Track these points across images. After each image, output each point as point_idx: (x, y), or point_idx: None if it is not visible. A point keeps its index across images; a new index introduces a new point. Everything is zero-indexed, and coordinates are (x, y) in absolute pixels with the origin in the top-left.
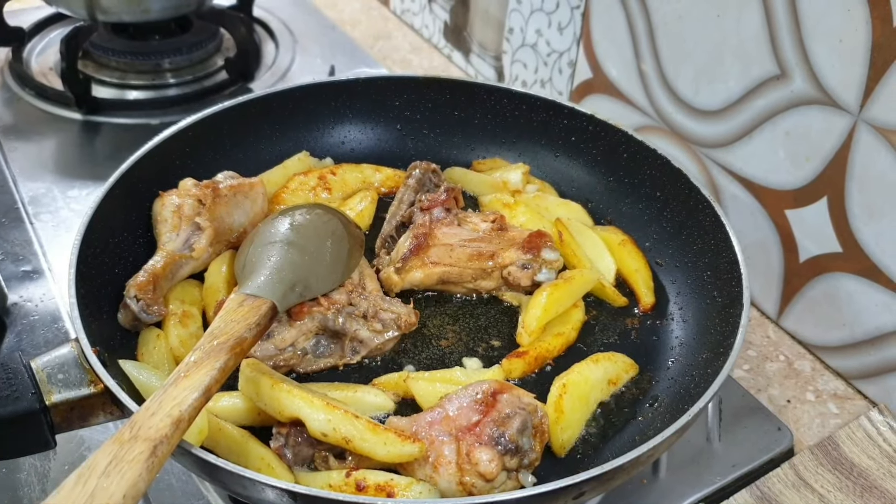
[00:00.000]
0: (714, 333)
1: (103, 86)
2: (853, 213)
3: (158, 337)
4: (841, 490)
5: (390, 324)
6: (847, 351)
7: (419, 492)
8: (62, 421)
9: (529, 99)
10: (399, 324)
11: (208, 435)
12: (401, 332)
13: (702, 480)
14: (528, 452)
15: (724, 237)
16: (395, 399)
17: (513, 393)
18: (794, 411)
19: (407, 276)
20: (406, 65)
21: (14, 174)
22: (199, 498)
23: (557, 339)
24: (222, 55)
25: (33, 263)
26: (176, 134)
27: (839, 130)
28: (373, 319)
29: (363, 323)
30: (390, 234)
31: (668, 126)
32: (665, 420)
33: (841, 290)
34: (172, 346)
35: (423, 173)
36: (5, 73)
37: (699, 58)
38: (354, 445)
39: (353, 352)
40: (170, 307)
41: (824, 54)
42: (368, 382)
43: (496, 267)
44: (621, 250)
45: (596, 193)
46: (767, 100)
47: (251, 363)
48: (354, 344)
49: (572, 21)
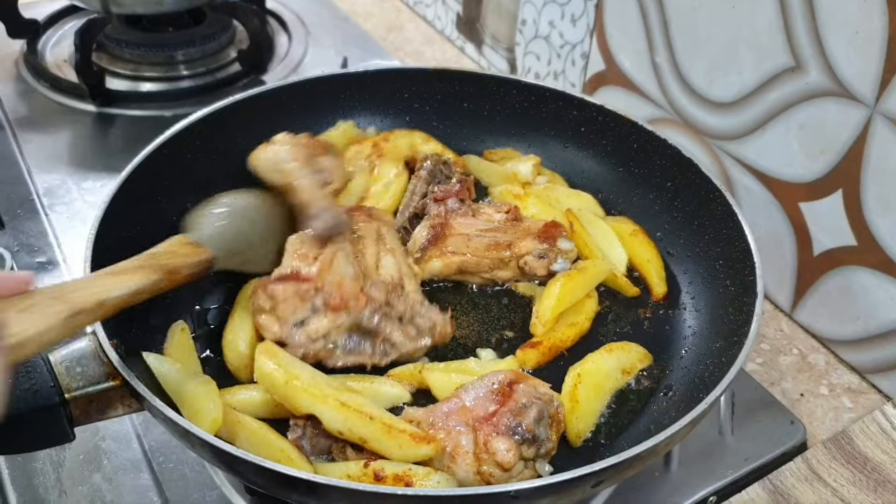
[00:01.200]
0: (727, 322)
1: (117, 78)
2: (868, 206)
3: (183, 331)
4: (854, 484)
5: (425, 331)
6: (861, 345)
7: (437, 481)
8: (81, 414)
9: (538, 90)
10: (434, 333)
11: (227, 427)
12: (434, 343)
13: (714, 473)
14: (544, 442)
15: (736, 226)
16: (410, 390)
17: (528, 383)
18: (808, 405)
19: (426, 267)
20: (418, 57)
21: (29, 166)
22: (212, 488)
23: (571, 329)
24: (235, 47)
25: (48, 254)
26: (189, 126)
27: (854, 123)
28: (408, 324)
29: (398, 325)
30: (403, 226)
31: (681, 118)
32: (679, 409)
33: (855, 284)
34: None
35: (434, 165)
36: (20, 65)
37: (713, 50)
38: (370, 446)
39: (384, 354)
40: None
41: (840, 46)
42: (384, 373)
43: (513, 256)
44: (633, 240)
45: (606, 184)
46: (782, 92)
47: (266, 350)
48: (386, 346)
49: (585, 13)
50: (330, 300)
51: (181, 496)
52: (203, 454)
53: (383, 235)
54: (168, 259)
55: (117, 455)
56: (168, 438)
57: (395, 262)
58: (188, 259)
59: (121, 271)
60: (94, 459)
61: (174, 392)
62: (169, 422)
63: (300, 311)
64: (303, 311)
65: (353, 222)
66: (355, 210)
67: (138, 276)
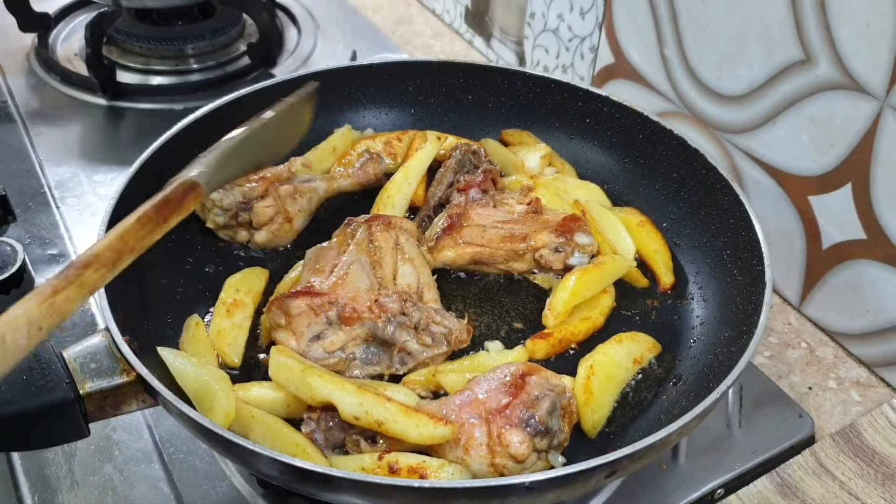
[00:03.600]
0: (736, 312)
1: (127, 71)
2: (878, 199)
3: (197, 325)
4: (862, 478)
5: (440, 339)
6: (870, 338)
7: (451, 473)
8: (95, 410)
9: (543, 81)
10: (450, 339)
11: (241, 421)
12: (450, 349)
13: (722, 466)
14: (557, 433)
15: (743, 216)
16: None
17: (541, 375)
18: (816, 398)
19: (439, 256)
20: (427, 50)
21: (40, 159)
22: (222, 478)
23: (584, 323)
24: (245, 40)
25: (59, 247)
26: (198, 119)
27: (864, 116)
28: (423, 332)
29: (413, 335)
30: (427, 214)
31: (690, 112)
32: (689, 398)
33: (864, 278)
34: (211, 335)
35: (462, 154)
36: (31, 59)
37: (722, 43)
38: (387, 428)
39: (401, 363)
40: (221, 295)
41: (850, 39)
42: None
43: (528, 249)
44: (640, 231)
45: (612, 175)
46: (791, 85)
47: (281, 349)
48: (402, 355)
49: (594, 6)
50: (343, 313)
51: (192, 487)
52: (218, 448)
53: (401, 245)
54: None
55: (128, 446)
56: (178, 430)
57: (414, 271)
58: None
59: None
60: (106, 450)
61: (188, 387)
62: (183, 416)
63: (315, 326)
64: (318, 325)
65: (371, 232)
66: (374, 220)
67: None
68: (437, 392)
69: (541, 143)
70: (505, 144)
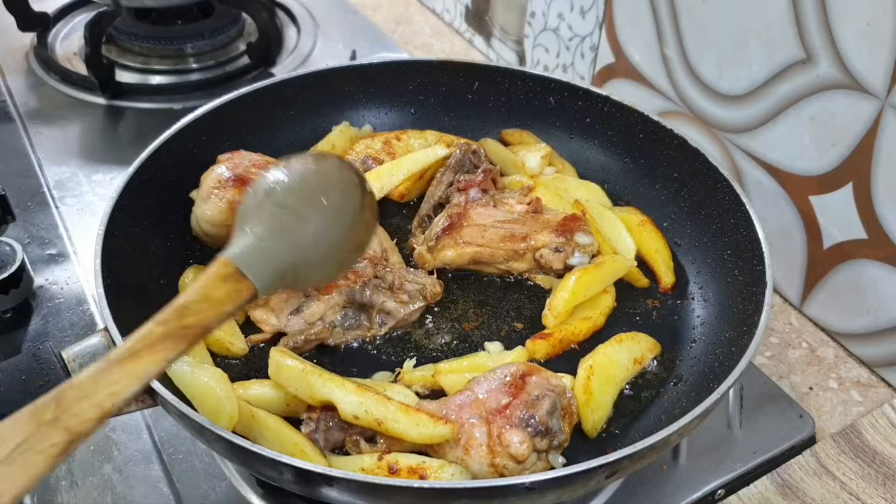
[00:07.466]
0: (736, 312)
1: (127, 71)
2: (879, 199)
3: None
4: (863, 478)
5: (416, 294)
6: (870, 338)
7: (451, 473)
8: None
9: (543, 81)
10: (424, 294)
11: (241, 421)
12: (426, 303)
13: (722, 467)
14: (557, 434)
15: (743, 215)
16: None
17: (541, 375)
18: (817, 399)
19: (439, 255)
20: (427, 49)
21: (40, 158)
22: (221, 479)
23: (584, 323)
24: (244, 40)
25: (59, 247)
26: (197, 119)
27: (865, 115)
28: (398, 291)
29: (389, 295)
30: (427, 214)
31: (691, 111)
32: (690, 398)
33: (865, 277)
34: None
35: (463, 154)
36: (30, 58)
37: (723, 42)
38: (387, 427)
39: (381, 323)
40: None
41: (851, 38)
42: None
43: (528, 249)
44: (640, 231)
45: (612, 175)
46: (792, 84)
47: (280, 349)
48: (382, 316)
49: (595, 5)
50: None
51: (191, 487)
52: (219, 449)
53: None
54: (199, 316)
55: (128, 446)
56: (178, 430)
57: (375, 237)
58: (224, 307)
59: (140, 351)
60: (105, 450)
61: (187, 386)
62: (184, 418)
63: (293, 300)
64: (295, 298)
65: None
66: None
67: (160, 355)
68: (437, 392)
69: (541, 142)
70: (505, 144)
